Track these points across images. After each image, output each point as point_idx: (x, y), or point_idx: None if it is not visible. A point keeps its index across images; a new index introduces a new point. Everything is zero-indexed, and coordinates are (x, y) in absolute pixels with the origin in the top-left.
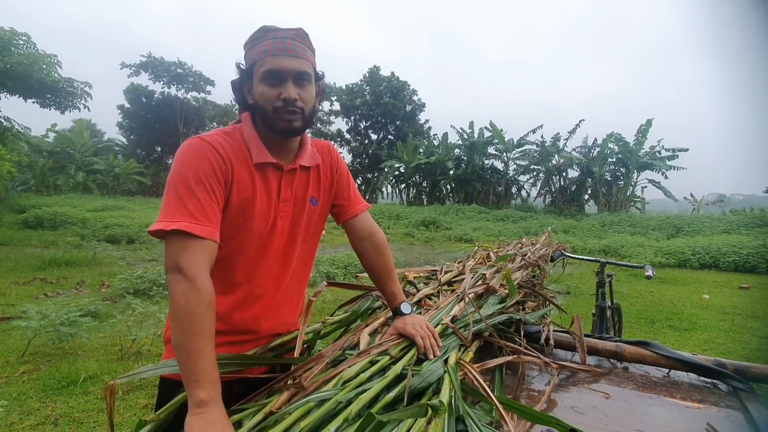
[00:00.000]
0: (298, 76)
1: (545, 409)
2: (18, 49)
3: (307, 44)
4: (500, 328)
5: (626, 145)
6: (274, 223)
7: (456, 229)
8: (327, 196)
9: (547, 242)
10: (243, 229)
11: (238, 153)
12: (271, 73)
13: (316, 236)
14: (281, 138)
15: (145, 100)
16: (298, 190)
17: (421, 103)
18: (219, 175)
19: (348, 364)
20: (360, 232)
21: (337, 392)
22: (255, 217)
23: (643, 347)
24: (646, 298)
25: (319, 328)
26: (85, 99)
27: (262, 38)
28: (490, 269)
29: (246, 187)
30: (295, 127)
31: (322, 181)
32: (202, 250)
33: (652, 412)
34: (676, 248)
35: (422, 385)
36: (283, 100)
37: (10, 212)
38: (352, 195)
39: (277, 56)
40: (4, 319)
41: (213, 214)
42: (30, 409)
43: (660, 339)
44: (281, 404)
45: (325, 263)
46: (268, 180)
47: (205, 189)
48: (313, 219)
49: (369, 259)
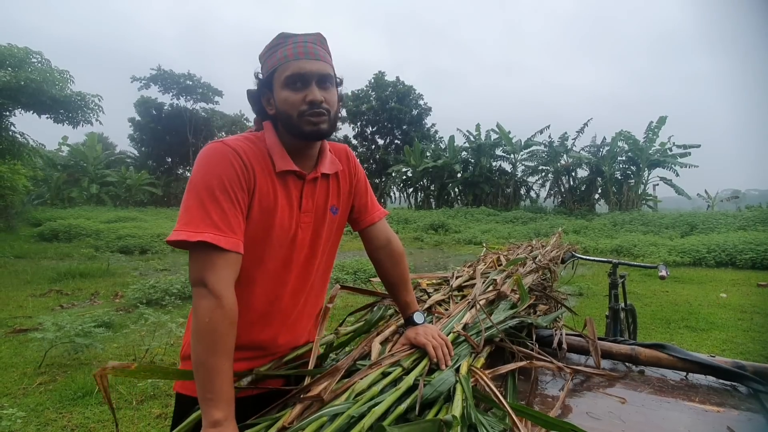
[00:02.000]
0: (321, 78)
1: (560, 414)
2: (32, 66)
3: (326, 48)
4: (512, 332)
5: (636, 143)
6: (295, 235)
7: (465, 232)
8: (346, 204)
9: (558, 244)
10: (263, 241)
11: (260, 160)
12: (295, 77)
13: (335, 246)
14: (306, 144)
15: (155, 113)
16: (320, 199)
17: (427, 107)
18: (243, 182)
19: (360, 376)
20: (377, 241)
21: (350, 405)
22: (275, 228)
23: (659, 350)
24: (661, 298)
25: (332, 339)
26: (97, 113)
27: (282, 44)
28: (500, 274)
29: (267, 196)
30: (322, 130)
31: (342, 188)
32: (227, 264)
33: (670, 416)
34: (690, 246)
35: (434, 395)
36: (309, 103)
37: (27, 225)
38: (369, 201)
39: (299, 59)
40: (22, 331)
41: (237, 224)
42: (47, 420)
43: (676, 340)
44: (294, 418)
45: (335, 269)
46: (289, 189)
47: (230, 197)
48: (333, 228)
49: (385, 268)
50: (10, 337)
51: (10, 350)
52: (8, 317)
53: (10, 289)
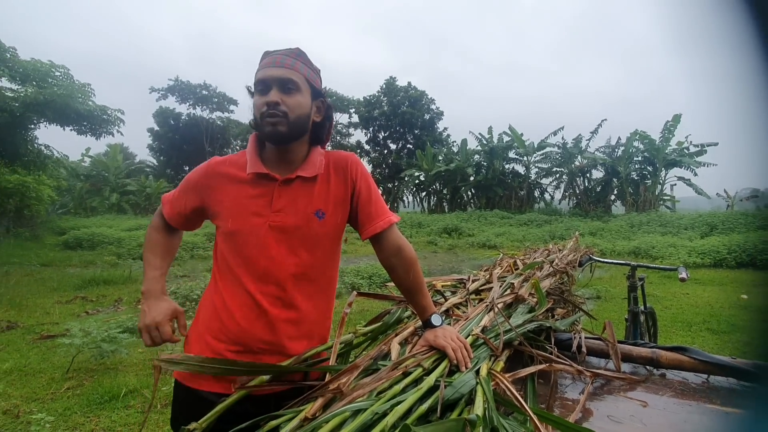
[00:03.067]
0: (282, 83)
1: (580, 418)
2: (56, 80)
3: (301, 59)
4: (530, 336)
5: (652, 142)
6: (267, 233)
7: (479, 236)
8: (339, 210)
9: (575, 247)
10: (237, 235)
11: (235, 167)
12: (259, 83)
13: (331, 253)
14: (280, 148)
15: (172, 122)
16: (299, 201)
17: (439, 112)
18: (197, 185)
19: (383, 375)
20: (388, 249)
21: (372, 403)
22: (247, 224)
23: (680, 353)
24: (682, 300)
25: (351, 338)
26: (118, 125)
27: (262, 60)
28: (517, 278)
29: (234, 197)
30: (279, 131)
31: (332, 194)
32: (161, 213)
33: (692, 419)
34: (710, 247)
35: (455, 397)
36: (266, 104)
37: (52, 234)
38: (374, 210)
39: (265, 68)
40: (49, 336)
41: (177, 203)
42: (75, 424)
43: (698, 343)
44: (316, 411)
45: (349, 274)
46: (260, 191)
47: (183, 191)
48: (322, 232)
49: (398, 275)
50: (38, 343)
51: (39, 356)
52: (36, 324)
53: (37, 297)
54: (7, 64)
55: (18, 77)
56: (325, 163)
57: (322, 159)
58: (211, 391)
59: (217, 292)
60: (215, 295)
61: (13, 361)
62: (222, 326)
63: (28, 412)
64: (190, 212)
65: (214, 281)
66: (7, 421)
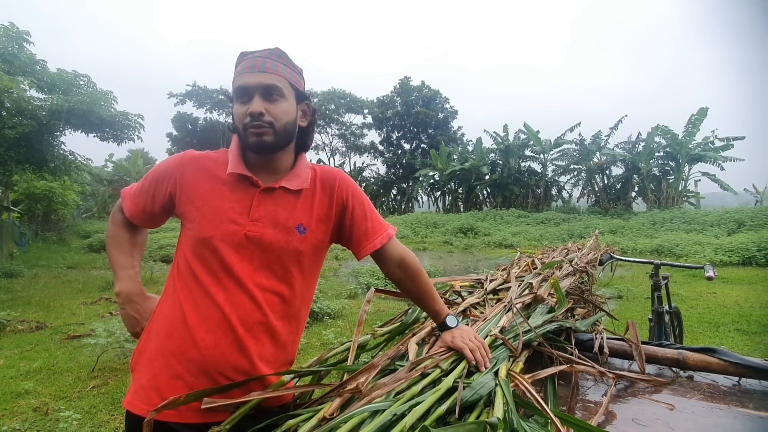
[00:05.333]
0: (265, 90)
1: (603, 421)
2: (80, 89)
3: (282, 61)
4: (550, 337)
5: (675, 137)
6: (242, 240)
7: (495, 235)
8: (323, 228)
9: (595, 246)
10: (207, 236)
11: (212, 166)
12: (239, 91)
13: (310, 270)
14: (264, 157)
15: (190, 127)
16: (280, 213)
17: (453, 111)
18: (163, 178)
19: (399, 376)
20: (389, 263)
21: (390, 404)
22: (219, 226)
23: (708, 354)
24: (708, 300)
25: (368, 339)
26: (139, 130)
27: (239, 63)
28: (536, 277)
29: (205, 195)
30: (265, 142)
31: (316, 210)
32: (121, 209)
33: (723, 423)
34: (738, 245)
35: (474, 398)
36: (249, 115)
37: (77, 237)
38: (370, 227)
39: (244, 74)
40: (75, 337)
41: (140, 198)
42: (100, 422)
43: (726, 344)
44: (334, 410)
45: (365, 274)
46: (239, 194)
47: (148, 183)
48: (301, 248)
49: (404, 286)
50: (65, 342)
51: (66, 355)
52: (63, 324)
53: (63, 298)
54: (36, 76)
55: (45, 87)
56: (311, 178)
57: (309, 173)
58: (180, 422)
59: (176, 305)
60: (174, 308)
61: (42, 360)
62: (180, 345)
63: (57, 409)
64: (158, 208)
65: (173, 291)
66: (37, 418)
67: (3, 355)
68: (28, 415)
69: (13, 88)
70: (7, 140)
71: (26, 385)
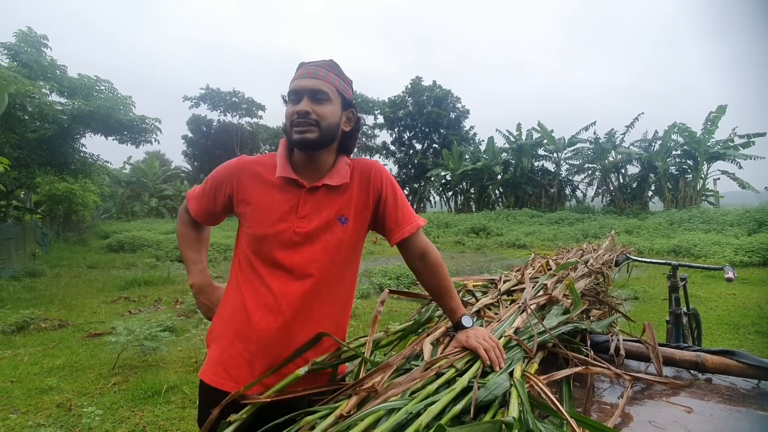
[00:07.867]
0: (313, 93)
1: (620, 423)
2: (100, 93)
3: (333, 71)
4: (565, 338)
5: (692, 135)
6: (292, 236)
7: (508, 235)
8: (361, 217)
9: (611, 246)
10: (262, 235)
11: (263, 169)
12: (291, 93)
13: (351, 257)
14: (309, 155)
15: (204, 129)
16: (324, 209)
17: (465, 110)
18: (223, 182)
19: (415, 375)
20: (412, 253)
21: (406, 402)
22: (272, 227)
23: (727, 356)
24: (728, 301)
25: (382, 337)
26: (156, 133)
27: (297, 71)
28: (550, 278)
29: (259, 197)
30: (308, 139)
31: (355, 202)
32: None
33: (742, 426)
34: (759, 244)
35: (488, 398)
36: (297, 113)
37: (97, 238)
38: (401, 216)
39: (298, 79)
40: (96, 335)
41: (204, 200)
42: (121, 418)
43: (746, 346)
44: (350, 408)
45: (377, 275)
46: (288, 196)
47: (209, 186)
48: (344, 237)
49: (424, 278)
50: (87, 340)
51: (87, 353)
52: (84, 322)
53: (85, 297)
54: (57, 80)
55: (66, 92)
56: (350, 172)
57: (347, 168)
58: None
59: (238, 292)
60: (236, 295)
61: (65, 357)
62: (241, 326)
63: (79, 405)
64: (219, 208)
65: (236, 280)
66: (60, 414)
67: (27, 352)
68: (52, 411)
69: (35, 93)
70: (30, 143)
71: (50, 381)
